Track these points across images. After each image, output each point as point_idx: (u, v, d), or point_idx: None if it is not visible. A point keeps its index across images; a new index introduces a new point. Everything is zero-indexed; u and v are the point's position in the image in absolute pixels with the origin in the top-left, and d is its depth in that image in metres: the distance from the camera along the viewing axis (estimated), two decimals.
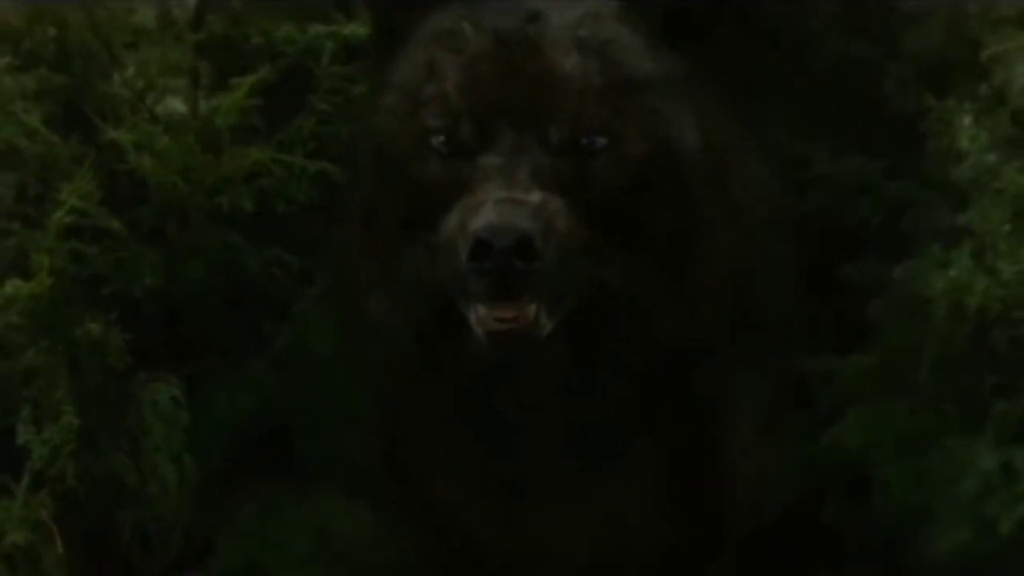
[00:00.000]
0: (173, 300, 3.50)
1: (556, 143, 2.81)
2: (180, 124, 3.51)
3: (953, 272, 3.27)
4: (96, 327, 3.39)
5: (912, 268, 3.35)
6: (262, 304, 3.51)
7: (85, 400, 3.38)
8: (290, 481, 3.52)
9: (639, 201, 2.85)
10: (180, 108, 3.53)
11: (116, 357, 3.39)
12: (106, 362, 3.39)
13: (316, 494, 3.50)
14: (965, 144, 3.34)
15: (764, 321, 3.18)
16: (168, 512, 3.41)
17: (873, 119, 3.52)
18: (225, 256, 3.50)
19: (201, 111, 3.53)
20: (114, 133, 3.45)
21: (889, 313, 3.38)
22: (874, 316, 3.40)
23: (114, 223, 3.42)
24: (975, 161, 3.32)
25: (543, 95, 2.83)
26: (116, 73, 3.54)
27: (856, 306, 3.40)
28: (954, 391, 3.31)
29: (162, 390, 3.42)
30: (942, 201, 3.39)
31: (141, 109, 3.51)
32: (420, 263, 2.87)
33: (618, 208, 2.83)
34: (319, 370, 3.53)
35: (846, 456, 3.35)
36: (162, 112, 3.52)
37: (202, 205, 3.49)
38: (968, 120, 3.35)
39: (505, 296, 2.73)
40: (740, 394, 3.16)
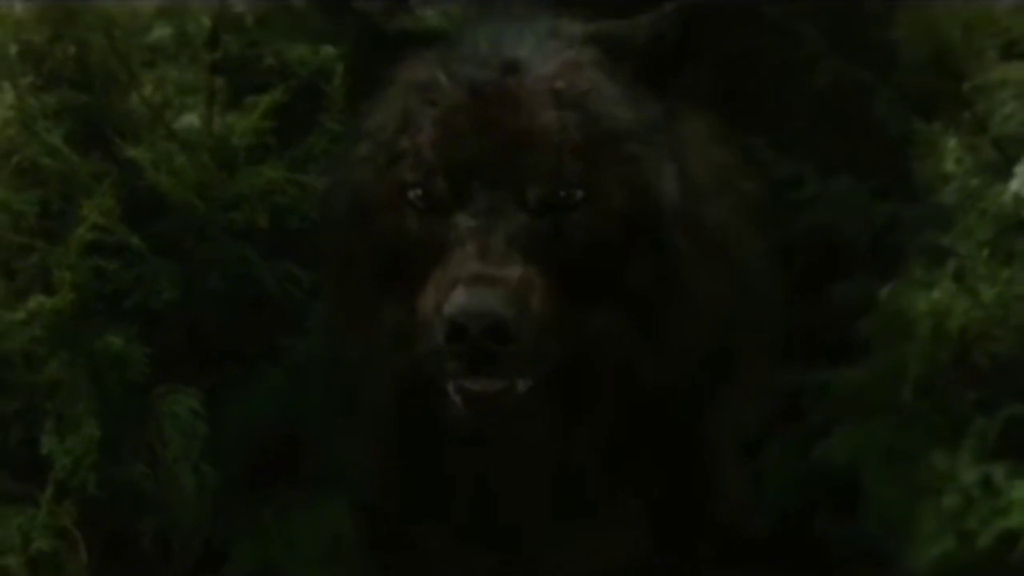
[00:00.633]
0: (191, 313, 3.51)
1: (533, 202, 2.68)
2: (196, 142, 3.53)
3: (936, 294, 3.28)
4: (117, 340, 3.42)
5: (897, 289, 3.36)
6: (276, 317, 3.52)
7: (107, 411, 3.41)
8: (304, 487, 3.52)
9: (617, 251, 2.73)
10: (196, 125, 3.55)
11: (136, 370, 3.43)
12: (127, 374, 3.43)
13: (329, 499, 3.49)
14: (951, 167, 3.36)
15: (747, 359, 3.07)
16: (187, 519, 3.43)
17: (862, 141, 3.53)
18: (241, 270, 3.51)
19: (216, 129, 3.55)
20: (133, 151, 3.47)
21: (876, 331, 3.38)
22: (862, 333, 3.40)
23: (134, 239, 3.44)
24: (960, 184, 3.34)
25: (520, 152, 2.69)
26: (134, 91, 3.55)
27: (845, 323, 3.41)
28: (937, 407, 3.30)
29: (181, 401, 3.44)
30: (928, 222, 3.39)
31: (159, 126, 3.53)
32: (397, 319, 2.74)
33: (596, 260, 2.71)
34: (331, 380, 3.49)
35: (835, 469, 3.36)
36: (179, 129, 3.54)
37: (218, 221, 3.51)
38: (953, 143, 3.38)
39: (481, 373, 2.62)
40: (723, 431, 3.06)
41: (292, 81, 3.55)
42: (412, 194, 2.71)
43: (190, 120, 3.56)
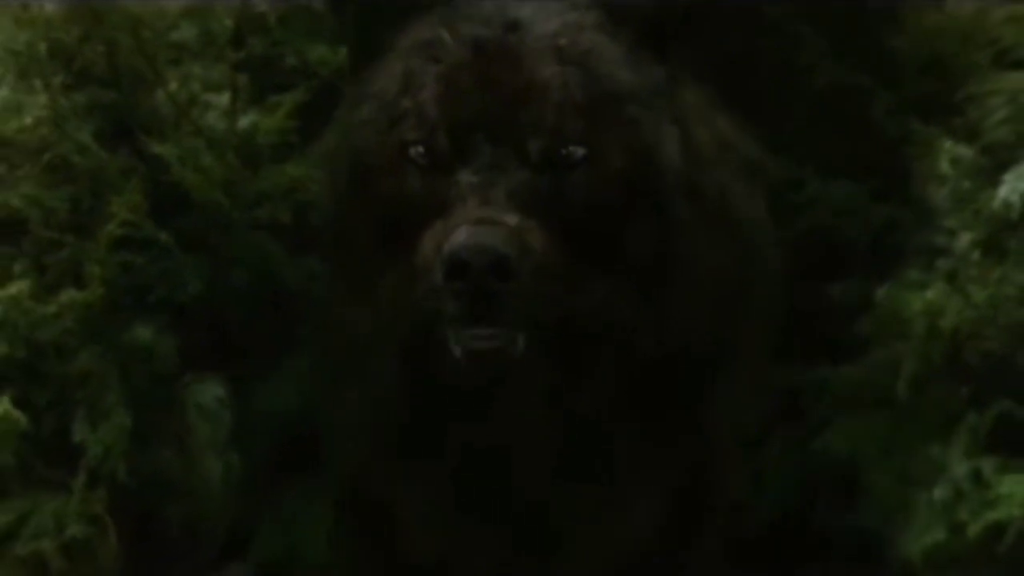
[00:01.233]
0: (216, 306, 3.53)
1: (535, 157, 2.63)
2: (221, 140, 3.55)
3: (930, 294, 3.33)
4: (145, 333, 3.45)
5: (892, 290, 3.40)
6: (298, 310, 3.54)
7: (136, 401, 3.44)
8: (327, 474, 3.47)
9: (618, 215, 2.68)
10: (220, 123, 3.57)
11: (164, 361, 3.46)
12: (155, 366, 3.46)
13: None
14: (945, 168, 3.40)
15: (749, 330, 3.03)
16: (213, 505, 3.45)
17: (861, 144, 3.55)
18: (264, 265, 3.53)
19: (239, 126, 3.57)
20: (159, 148, 3.49)
21: (873, 330, 3.43)
22: (860, 331, 3.44)
23: (161, 235, 3.46)
24: (953, 187, 3.39)
25: (522, 107, 2.64)
26: (160, 88, 3.56)
27: (844, 322, 3.46)
28: (930, 403, 3.35)
29: (207, 391, 3.48)
30: (924, 223, 3.43)
31: (185, 124, 3.55)
32: (399, 282, 2.68)
33: (597, 222, 2.66)
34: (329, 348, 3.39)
35: (834, 462, 3.41)
36: (204, 126, 3.56)
37: (242, 217, 3.53)
38: (948, 145, 3.41)
39: (481, 315, 2.56)
40: (724, 412, 3.00)
41: (313, 81, 3.56)
42: (414, 151, 2.67)
43: (215, 118, 3.58)
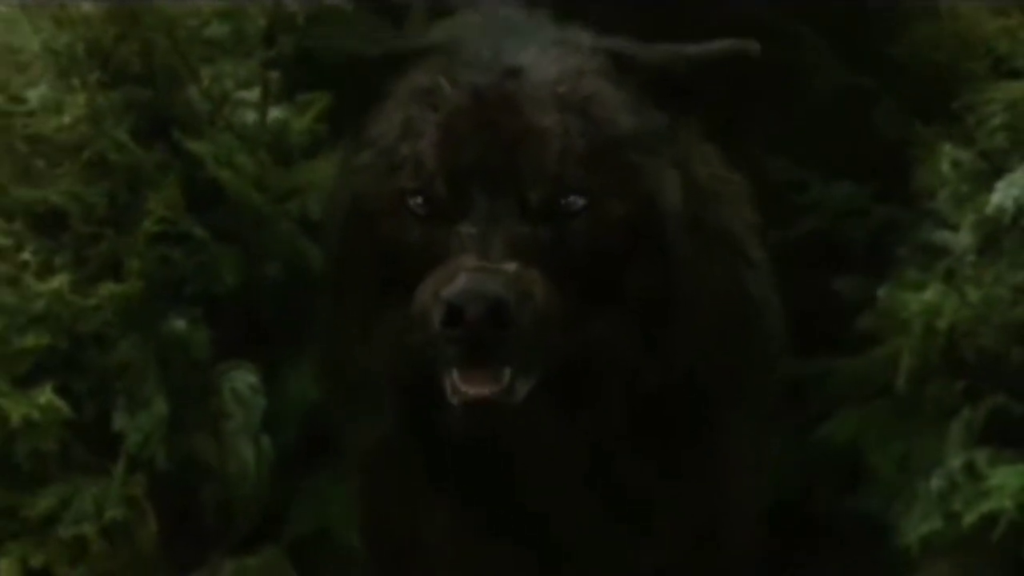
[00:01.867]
0: (250, 298, 3.56)
1: (535, 207, 2.52)
2: (253, 136, 3.59)
3: (927, 295, 3.38)
4: (181, 324, 3.49)
5: (892, 289, 3.46)
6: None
7: (173, 390, 3.48)
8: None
9: (619, 259, 2.58)
10: (252, 120, 3.61)
11: (200, 350, 3.50)
12: (191, 355, 3.50)
13: None
14: (946, 170, 3.45)
15: (754, 361, 2.94)
16: (247, 488, 3.49)
17: (862, 147, 3.60)
18: (296, 258, 3.56)
19: (270, 123, 3.61)
20: (193, 144, 3.53)
21: (873, 326, 3.50)
22: (861, 327, 3.51)
23: (196, 229, 3.51)
24: (952, 190, 3.44)
25: (521, 157, 2.53)
26: (194, 85, 3.60)
27: (846, 317, 3.52)
28: (928, 396, 3.41)
29: (241, 378, 3.51)
30: (924, 224, 3.49)
31: (218, 120, 3.59)
32: (397, 327, 2.58)
33: (598, 268, 2.56)
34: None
35: (836, 450, 3.49)
36: (236, 123, 3.60)
37: (274, 211, 3.57)
38: (948, 147, 3.46)
39: (478, 362, 2.47)
40: (734, 434, 2.91)
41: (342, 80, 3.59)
42: (412, 201, 2.56)
43: (247, 115, 3.61)
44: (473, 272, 2.44)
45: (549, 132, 2.55)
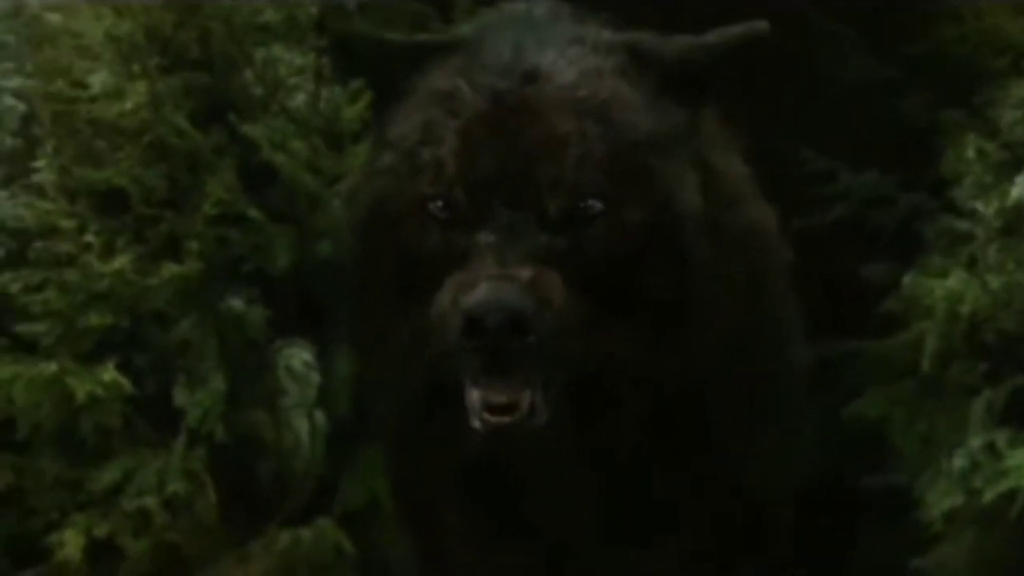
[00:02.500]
0: (303, 277, 3.59)
1: (553, 215, 2.47)
2: (305, 121, 3.61)
3: (950, 282, 3.44)
4: (238, 303, 3.54)
5: (916, 276, 3.52)
6: None
7: (230, 366, 3.53)
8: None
9: (637, 263, 2.52)
10: (304, 105, 3.63)
11: (256, 329, 3.55)
12: (247, 333, 3.55)
13: None
14: (971, 158, 3.51)
15: (771, 366, 2.87)
16: (301, 461, 3.53)
17: (889, 137, 3.66)
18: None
19: (322, 108, 3.64)
20: (249, 128, 3.56)
21: (899, 309, 3.55)
22: (888, 310, 3.57)
23: (252, 211, 3.54)
24: (977, 178, 3.51)
25: (540, 166, 2.47)
26: (248, 70, 3.63)
27: (874, 301, 3.58)
28: (952, 377, 3.48)
29: (296, 355, 3.55)
30: (948, 212, 3.56)
31: (272, 105, 3.61)
32: (416, 333, 2.52)
33: (616, 272, 2.50)
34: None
35: (865, 427, 3.55)
36: (290, 108, 3.62)
37: (327, 193, 3.59)
38: (974, 137, 3.51)
39: (499, 371, 2.42)
40: (748, 441, 2.84)
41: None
42: (432, 206, 2.51)
43: (300, 100, 3.64)
44: (492, 281, 2.39)
45: (567, 139, 2.50)
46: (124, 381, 3.46)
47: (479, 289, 2.38)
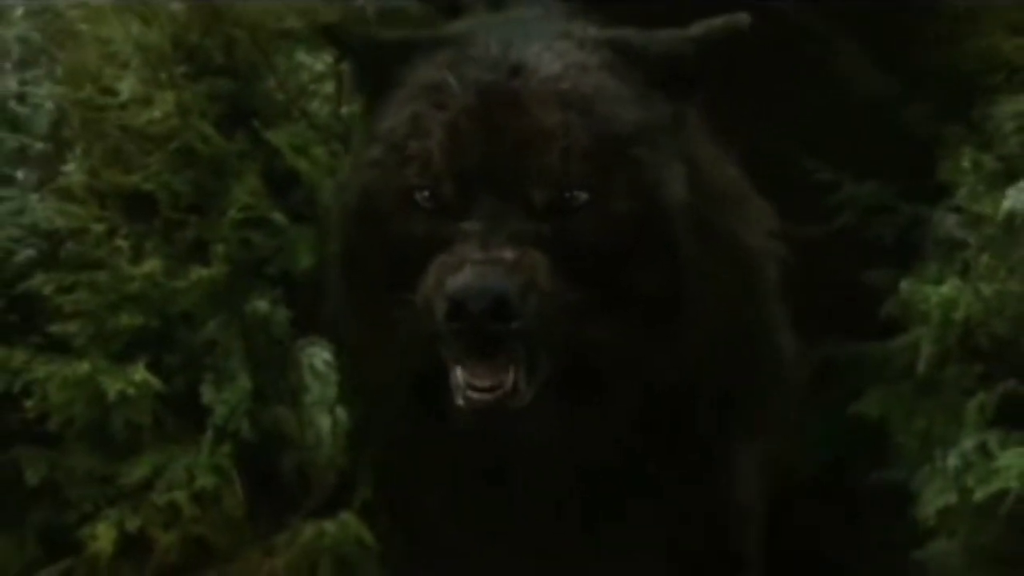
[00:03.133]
0: (323, 277, 3.55)
1: (539, 206, 2.50)
2: (326, 127, 3.67)
3: (944, 289, 3.51)
4: (263, 304, 3.60)
5: (913, 283, 3.58)
6: None
7: (256, 365, 3.59)
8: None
9: (623, 254, 2.53)
10: (325, 111, 3.69)
11: (280, 328, 3.61)
12: (272, 333, 3.60)
13: None
14: (967, 166, 3.60)
15: (760, 359, 2.91)
16: (323, 456, 3.58)
17: (890, 148, 3.70)
18: None
19: (343, 114, 3.69)
20: (272, 135, 3.62)
21: (897, 313, 3.61)
22: (887, 314, 3.62)
23: (275, 214, 3.60)
24: (971, 189, 3.58)
25: (526, 156, 2.49)
26: (272, 77, 3.68)
27: (874, 305, 3.62)
28: (947, 378, 3.54)
29: (318, 354, 3.60)
30: (944, 220, 3.62)
31: (294, 111, 3.67)
32: (406, 318, 2.53)
33: (602, 264, 2.51)
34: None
35: (866, 425, 3.61)
36: (311, 113, 3.68)
37: None
38: (970, 149, 3.59)
39: (483, 356, 2.44)
40: (738, 432, 2.88)
41: None
42: (419, 196, 2.54)
43: (320, 106, 3.69)
44: (476, 265, 2.41)
45: (552, 132, 2.51)
46: (154, 380, 3.51)
47: (463, 273, 2.40)
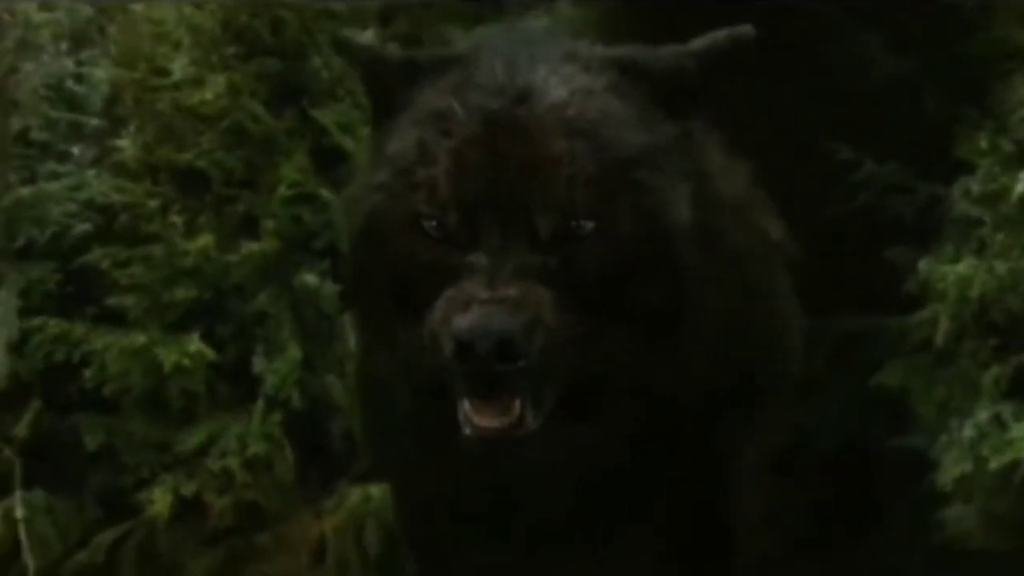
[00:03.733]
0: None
1: (544, 235, 2.43)
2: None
3: (960, 268, 3.58)
4: (312, 277, 3.68)
5: (930, 262, 3.65)
6: None
7: (305, 336, 3.67)
8: None
9: (628, 276, 2.49)
10: None
11: (328, 301, 3.68)
12: (320, 305, 3.68)
13: None
14: (984, 147, 3.71)
15: (765, 361, 2.87)
16: None
17: (910, 130, 3.78)
18: None
19: None
20: (319, 114, 3.71)
21: (916, 290, 3.68)
22: (908, 289, 3.68)
23: (323, 190, 3.69)
24: (987, 171, 3.65)
25: (531, 184, 2.43)
26: (318, 57, 3.74)
27: (895, 281, 3.69)
28: (964, 351, 3.62)
29: None
30: (960, 200, 3.69)
31: (339, 90, 3.75)
32: (414, 340, 2.48)
33: (607, 287, 2.47)
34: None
35: (887, 395, 3.69)
36: (357, 92, 3.70)
37: None
38: (986, 131, 3.66)
39: (489, 394, 2.40)
40: (742, 444, 2.85)
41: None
42: (427, 224, 2.47)
43: None
44: (482, 306, 2.36)
45: (558, 160, 2.45)
46: (208, 350, 3.61)
47: (469, 314, 2.36)
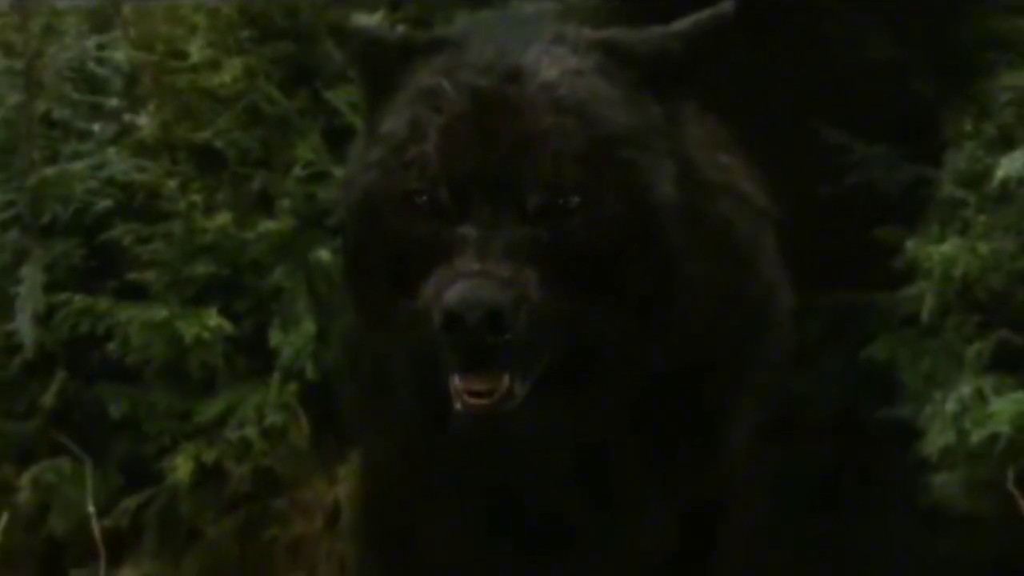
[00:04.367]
0: None
1: (532, 210, 2.49)
2: None
3: (944, 248, 3.69)
4: (326, 253, 3.74)
5: (916, 242, 3.75)
6: None
7: (319, 310, 3.73)
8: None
9: (615, 253, 2.53)
10: None
11: (342, 277, 3.72)
12: (334, 280, 3.72)
13: None
14: (969, 134, 3.80)
15: (754, 350, 2.91)
16: None
17: (900, 111, 3.89)
18: None
19: None
20: (331, 95, 3.79)
21: (904, 267, 3.78)
22: (895, 267, 3.78)
23: (335, 169, 3.74)
24: (971, 153, 3.77)
25: (520, 163, 2.48)
26: (330, 39, 3.81)
27: (884, 258, 3.78)
28: (949, 326, 3.74)
29: None
30: (949, 180, 3.80)
31: (350, 71, 3.74)
32: (408, 316, 2.54)
33: (594, 263, 2.52)
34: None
35: (876, 368, 3.80)
36: None
37: None
38: (971, 116, 3.79)
39: (478, 366, 2.46)
40: (734, 407, 2.89)
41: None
42: (418, 200, 2.53)
43: None
44: (471, 279, 2.42)
45: (546, 136, 2.51)
46: (226, 324, 3.68)
47: (459, 286, 2.41)
